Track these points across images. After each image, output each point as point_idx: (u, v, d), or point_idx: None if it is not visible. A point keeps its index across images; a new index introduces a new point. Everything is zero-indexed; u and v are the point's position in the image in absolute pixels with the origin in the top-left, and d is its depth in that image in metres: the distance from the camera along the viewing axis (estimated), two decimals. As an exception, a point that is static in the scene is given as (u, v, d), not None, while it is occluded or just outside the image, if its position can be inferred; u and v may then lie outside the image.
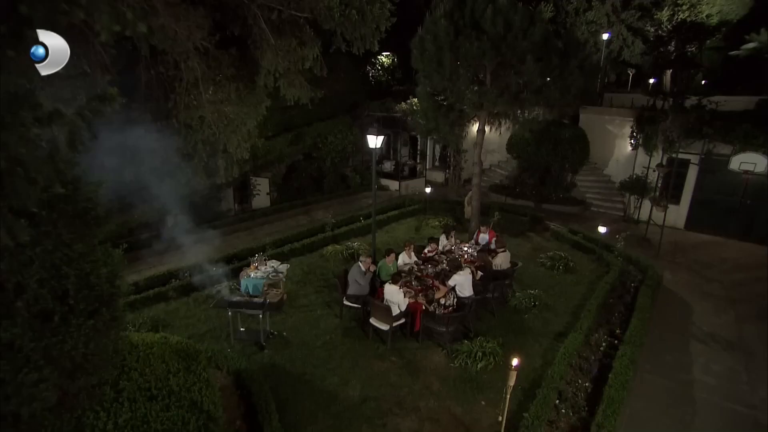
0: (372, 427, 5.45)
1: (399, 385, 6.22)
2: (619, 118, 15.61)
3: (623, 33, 21.32)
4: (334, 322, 7.84)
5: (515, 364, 4.50)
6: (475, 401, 5.92)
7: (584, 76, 9.93)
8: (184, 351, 5.06)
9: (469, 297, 7.34)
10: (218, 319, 7.80)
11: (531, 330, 7.57)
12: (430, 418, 5.62)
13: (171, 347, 5.01)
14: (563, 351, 6.52)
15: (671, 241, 12.01)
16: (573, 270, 9.92)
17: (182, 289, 8.87)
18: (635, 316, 7.52)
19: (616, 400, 5.48)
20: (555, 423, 5.45)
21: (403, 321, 7.14)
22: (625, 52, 22.28)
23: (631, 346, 6.61)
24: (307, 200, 15.41)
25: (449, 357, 6.77)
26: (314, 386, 6.19)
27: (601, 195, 15.67)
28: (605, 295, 8.34)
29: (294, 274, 9.75)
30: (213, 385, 4.83)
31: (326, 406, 5.78)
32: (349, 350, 7.01)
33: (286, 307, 8.29)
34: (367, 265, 7.70)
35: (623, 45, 22.17)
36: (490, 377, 6.34)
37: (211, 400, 4.58)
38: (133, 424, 3.95)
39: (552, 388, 5.74)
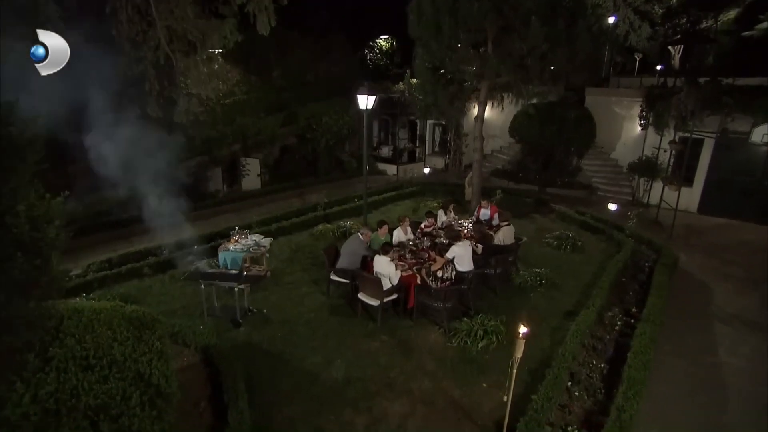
0: (356, 411, 4.74)
1: (389, 365, 5.51)
2: (627, 99, 14.86)
3: (630, 16, 20.60)
4: (320, 299, 7.14)
5: (523, 332, 3.79)
6: (475, 383, 5.21)
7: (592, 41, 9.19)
8: (139, 319, 4.35)
9: (468, 271, 6.63)
10: (194, 296, 7.08)
11: (537, 309, 6.85)
12: (423, 401, 4.91)
13: (123, 315, 4.30)
14: (575, 329, 5.81)
15: (684, 224, 11.28)
16: (581, 250, 9.20)
17: (158, 266, 8.19)
18: (652, 294, 6.80)
19: (638, 381, 4.77)
20: (567, 407, 4.73)
21: (395, 297, 6.43)
22: (632, 37, 21.56)
23: (650, 324, 5.89)
24: (300, 183, 14.70)
25: (446, 336, 6.07)
26: (293, 366, 5.48)
27: (607, 179, 14.93)
28: (618, 273, 7.62)
29: (280, 252, 9.06)
30: (168, 357, 4.13)
31: (306, 388, 5.07)
32: (334, 329, 6.30)
33: (268, 285, 7.59)
34: (369, 238, 6.99)
35: (630, 29, 21.47)
36: (492, 358, 5.63)
37: (163, 373, 3.88)
38: (58, 397, 3.24)
39: (563, 368, 5.03)
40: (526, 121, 15.18)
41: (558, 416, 4.61)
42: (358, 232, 7.13)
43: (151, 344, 4.09)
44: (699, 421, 4.84)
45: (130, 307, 4.56)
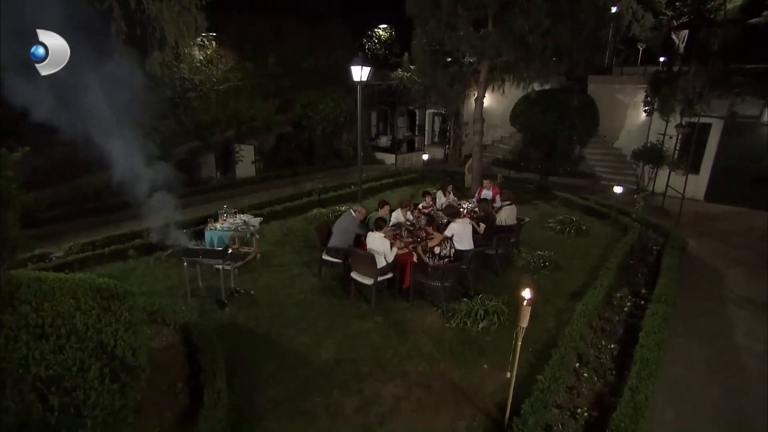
0: (345, 393, 4.36)
1: (383, 346, 5.13)
2: (631, 86, 14.50)
3: (633, 6, 20.23)
4: (311, 281, 6.76)
5: (527, 298, 3.41)
6: (475, 365, 4.83)
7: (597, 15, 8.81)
8: (108, 290, 3.96)
9: (468, 250, 6.25)
10: (179, 278, 6.70)
11: (541, 290, 6.47)
12: (419, 384, 4.53)
13: (91, 285, 3.92)
14: (582, 309, 5.43)
15: (691, 211, 10.90)
16: (585, 233, 8.82)
17: (144, 248, 7.82)
18: (663, 275, 6.43)
19: (652, 361, 4.39)
20: (576, 389, 4.36)
21: (390, 276, 6.06)
22: (635, 27, 21.20)
23: (662, 305, 5.52)
24: (296, 171, 14.32)
25: (444, 317, 5.69)
26: (280, 347, 5.10)
27: (611, 168, 14.56)
28: (625, 254, 7.25)
29: (272, 235, 8.69)
30: (138, 330, 3.75)
31: (292, 369, 4.69)
32: (325, 309, 5.93)
33: (257, 267, 7.22)
34: (362, 215, 6.61)
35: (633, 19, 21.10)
36: (494, 340, 5.25)
37: (130, 345, 3.50)
38: (4, 367, 2.87)
39: (570, 347, 4.65)
40: (527, 108, 14.81)
41: (566, 399, 4.24)
42: (351, 209, 6.74)
43: (119, 315, 3.71)
44: (717, 405, 4.47)
45: (102, 279, 4.19)
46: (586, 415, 3.95)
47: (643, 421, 3.68)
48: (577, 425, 3.86)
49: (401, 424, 3.98)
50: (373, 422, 3.99)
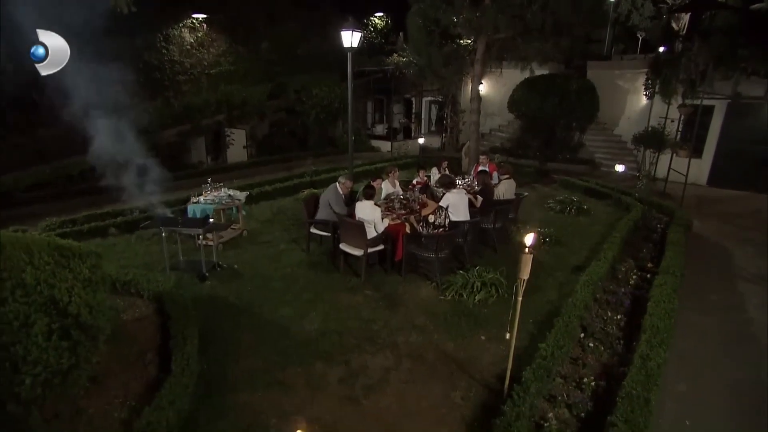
0: (329, 364, 4.00)
1: (372, 319, 4.78)
2: (631, 71, 14.20)
3: (632, -6, 19.95)
4: (299, 256, 6.40)
5: (530, 243, 3.06)
6: (472, 337, 4.48)
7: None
8: (71, 249, 3.59)
9: (464, 221, 5.89)
10: (160, 255, 6.33)
11: (542, 265, 6.13)
12: (410, 355, 4.18)
13: (50, 243, 3.54)
14: (586, 279, 5.09)
15: (694, 195, 10.60)
16: (587, 213, 8.49)
17: (125, 225, 7.45)
18: (669, 249, 6.09)
19: (663, 329, 4.05)
20: (581, 359, 4.01)
21: (381, 248, 5.70)
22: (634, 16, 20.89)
23: (670, 276, 5.19)
24: (289, 156, 13.93)
25: (439, 290, 5.33)
26: (261, 319, 4.74)
27: (611, 155, 14.24)
28: (629, 230, 6.92)
29: (260, 214, 8.32)
30: (98, 289, 3.38)
31: (271, 341, 4.32)
32: (312, 282, 5.57)
33: (243, 243, 6.86)
34: (347, 188, 6.26)
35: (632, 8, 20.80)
36: (491, 312, 4.90)
37: (86, 303, 3.13)
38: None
39: (575, 315, 4.31)
40: (526, 93, 14.42)
41: (570, 370, 3.89)
42: (337, 182, 6.38)
43: (78, 272, 3.33)
44: (733, 377, 4.12)
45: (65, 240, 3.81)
46: (593, 385, 3.61)
47: (656, 389, 3.33)
48: (584, 396, 3.50)
49: (390, 397, 3.63)
50: (359, 394, 3.63)
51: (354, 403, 3.53)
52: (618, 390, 3.33)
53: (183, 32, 13.13)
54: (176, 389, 3.15)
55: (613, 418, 2.98)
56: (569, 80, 14.10)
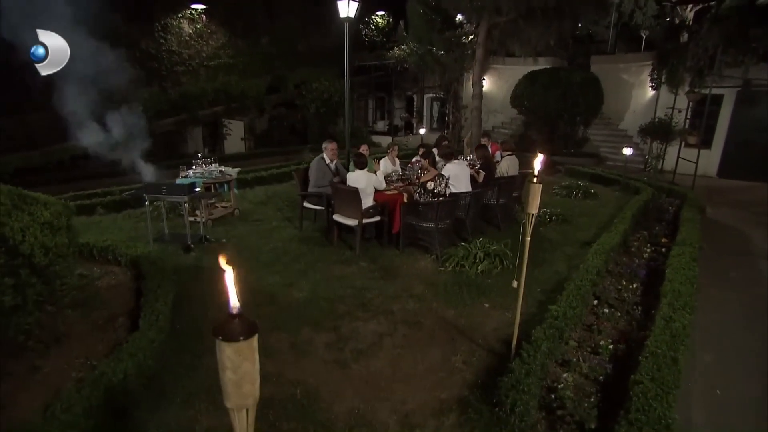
0: (317, 330, 3.63)
1: (366, 287, 4.41)
2: (636, 64, 13.93)
3: (635, -7, 19.83)
4: (291, 232, 6.06)
5: (539, 166, 2.70)
6: (474, 304, 4.11)
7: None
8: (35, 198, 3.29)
9: (466, 192, 5.55)
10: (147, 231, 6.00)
11: (550, 241, 5.77)
12: (407, 322, 3.80)
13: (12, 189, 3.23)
14: (597, 248, 4.73)
15: (704, 186, 10.24)
16: (594, 196, 8.14)
17: (113, 204, 7.15)
18: (683, 225, 5.74)
19: (684, 294, 3.68)
20: (595, 325, 3.63)
21: (378, 219, 5.35)
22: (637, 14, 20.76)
23: (687, 247, 4.82)
24: (287, 149, 13.67)
25: (439, 262, 4.97)
26: (245, 286, 4.36)
27: (616, 149, 13.84)
28: (640, 208, 6.57)
29: (255, 197, 8.02)
30: (60, 234, 3.05)
31: (257, 307, 3.96)
32: (303, 254, 5.22)
33: (234, 221, 6.53)
34: (333, 153, 5.95)
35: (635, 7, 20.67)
36: (495, 282, 4.53)
37: (42, 244, 2.80)
38: None
39: (587, 279, 3.93)
40: (528, 87, 14.21)
41: (585, 336, 3.51)
42: (322, 147, 6.03)
43: (37, 216, 3.01)
44: (761, 349, 3.73)
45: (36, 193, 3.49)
46: (611, 348, 3.23)
47: (684, 350, 2.95)
48: (601, 359, 3.12)
49: (382, 361, 3.25)
50: (347, 358, 3.26)
51: (341, 366, 3.16)
52: (639, 353, 2.95)
53: (181, 23, 12.99)
54: (140, 342, 2.79)
55: (637, 376, 2.60)
56: (572, 73, 13.88)
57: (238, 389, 0.93)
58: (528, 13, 8.82)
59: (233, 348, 0.90)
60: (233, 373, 0.92)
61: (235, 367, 0.91)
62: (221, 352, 0.93)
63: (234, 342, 0.90)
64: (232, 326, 0.91)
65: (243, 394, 0.94)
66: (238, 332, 0.90)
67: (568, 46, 15.57)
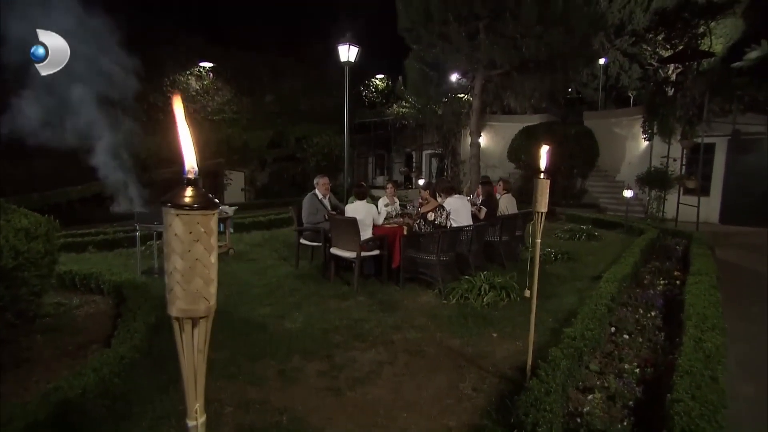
0: (308, 358, 3.28)
1: (364, 319, 4.09)
2: (627, 118, 14.47)
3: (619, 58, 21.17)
4: (287, 269, 5.81)
5: (545, 159, 2.56)
6: (480, 334, 3.77)
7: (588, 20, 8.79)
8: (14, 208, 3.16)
9: (467, 226, 5.39)
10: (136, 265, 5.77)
11: (558, 276, 5.50)
12: (408, 350, 3.46)
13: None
14: (609, 276, 4.47)
15: (708, 231, 10.09)
16: (598, 238, 7.96)
17: (106, 243, 6.95)
18: (696, 259, 5.50)
19: (711, 316, 3.38)
20: (615, 353, 3.28)
21: (377, 253, 5.13)
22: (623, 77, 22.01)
23: (704, 276, 4.55)
24: (286, 199, 13.71)
25: (442, 295, 4.68)
26: (235, 317, 4.07)
27: (615, 199, 13.93)
28: (648, 244, 6.36)
29: (251, 240, 7.84)
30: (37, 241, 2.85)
31: (244, 337, 3.63)
32: (297, 289, 4.94)
33: (228, 261, 6.29)
34: (326, 188, 5.87)
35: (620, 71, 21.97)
36: (503, 314, 4.21)
37: (13, 247, 2.60)
38: None
39: (602, 303, 3.64)
40: (524, 141, 14.63)
41: (606, 363, 3.16)
42: (315, 182, 5.98)
43: (14, 222, 2.84)
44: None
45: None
46: (637, 371, 2.88)
47: (722, 370, 2.62)
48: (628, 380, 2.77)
49: (381, 389, 2.89)
50: (342, 386, 2.90)
51: (334, 393, 2.80)
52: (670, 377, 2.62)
53: (189, 79, 13.68)
54: (107, 358, 2.47)
55: (675, 394, 2.26)
56: (567, 126, 14.37)
57: (186, 285, 0.71)
58: (521, 66, 9.26)
59: (184, 221, 0.70)
60: (181, 259, 0.70)
61: (184, 250, 0.70)
62: (168, 227, 0.72)
63: (185, 212, 0.70)
64: (184, 192, 0.71)
65: (192, 294, 0.72)
66: (192, 200, 0.70)
67: (561, 106, 16.26)
